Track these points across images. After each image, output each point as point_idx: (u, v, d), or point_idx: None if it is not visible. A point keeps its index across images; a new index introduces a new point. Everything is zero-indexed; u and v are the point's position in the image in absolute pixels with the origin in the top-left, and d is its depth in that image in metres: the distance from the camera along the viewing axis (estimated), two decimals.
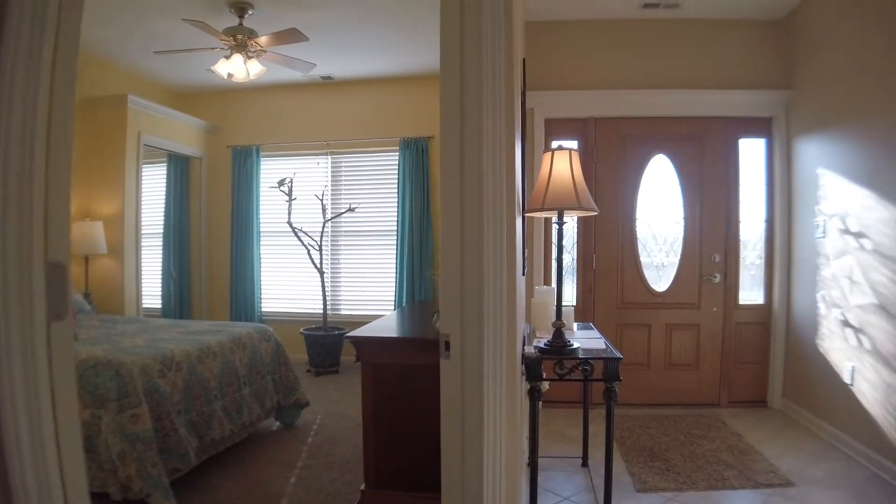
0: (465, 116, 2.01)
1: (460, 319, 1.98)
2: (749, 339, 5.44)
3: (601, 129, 5.46)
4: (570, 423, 4.79)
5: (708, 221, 5.43)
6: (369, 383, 3.13)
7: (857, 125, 4.23)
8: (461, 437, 2.01)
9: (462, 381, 1.98)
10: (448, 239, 2.00)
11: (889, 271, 3.83)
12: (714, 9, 5.16)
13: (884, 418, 3.81)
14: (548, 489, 3.63)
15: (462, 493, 2.03)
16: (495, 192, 2.04)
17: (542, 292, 3.58)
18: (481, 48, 2.02)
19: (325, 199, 6.96)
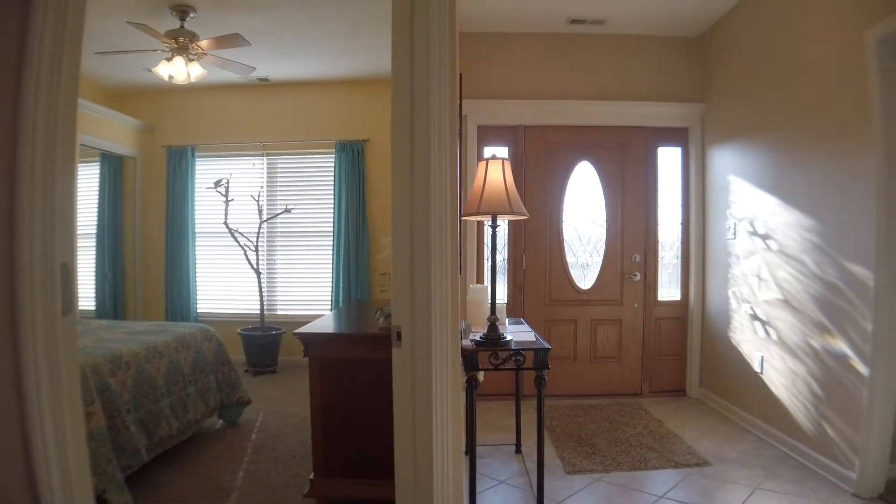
0: (415, 124, 2.13)
1: (411, 312, 2.13)
2: (668, 333, 5.78)
3: (530, 137, 5.68)
4: (503, 414, 4.99)
5: (629, 224, 5.74)
6: (317, 377, 3.19)
7: (762, 137, 4.60)
8: (412, 420, 2.15)
9: (413, 368, 2.14)
10: (399, 237, 2.14)
11: (792, 269, 4.17)
12: (637, 26, 5.47)
13: (791, 403, 4.16)
14: (485, 475, 3.77)
15: (414, 473, 2.17)
16: (441, 195, 2.16)
17: (476, 290, 3.72)
18: (429, 63, 2.14)
19: (262, 200, 6.91)
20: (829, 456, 3.70)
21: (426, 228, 2.13)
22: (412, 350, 2.14)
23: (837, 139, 3.71)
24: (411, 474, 2.18)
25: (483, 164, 3.22)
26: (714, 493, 3.54)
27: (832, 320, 3.75)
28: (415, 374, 2.15)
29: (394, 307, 2.17)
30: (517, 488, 3.63)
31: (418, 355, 2.14)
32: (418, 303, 2.14)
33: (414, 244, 2.13)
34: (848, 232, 3.62)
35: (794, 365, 4.14)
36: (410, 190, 2.13)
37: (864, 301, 3.45)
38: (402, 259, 2.14)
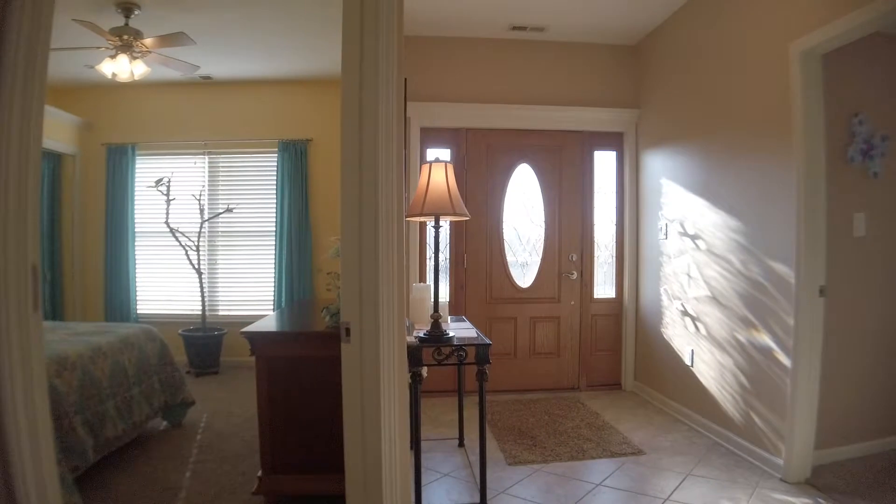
0: (364, 126, 2.18)
1: (359, 308, 2.17)
2: (603, 330, 5.95)
3: (472, 139, 5.75)
4: (446, 410, 5.03)
5: (566, 224, 5.88)
6: (264, 375, 3.18)
7: (693, 142, 4.79)
8: (361, 415, 2.19)
9: (361, 364, 2.18)
10: (347, 235, 2.18)
11: (719, 268, 4.37)
12: (576, 33, 5.60)
13: (719, 394, 4.36)
14: (430, 468, 3.81)
15: (363, 467, 2.21)
16: (389, 194, 2.22)
17: (419, 288, 3.76)
18: (378, 67, 2.19)
19: (203, 199, 6.75)
20: (757, 444, 3.89)
21: (374, 227, 2.17)
22: (361, 346, 2.18)
23: (763, 145, 3.90)
24: (360, 468, 2.21)
25: (427, 166, 3.28)
26: (648, 479, 3.68)
27: (757, 315, 3.94)
28: (363, 370, 2.19)
29: (343, 304, 2.20)
30: (461, 480, 3.68)
31: (367, 351, 2.18)
32: (366, 299, 2.18)
33: (362, 242, 2.18)
34: (771, 233, 3.81)
35: (722, 358, 4.33)
36: (359, 189, 2.18)
37: (787, 297, 3.65)
38: (351, 257, 2.19)
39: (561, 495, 3.46)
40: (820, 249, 3.56)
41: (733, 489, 3.50)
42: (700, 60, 4.66)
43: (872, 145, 3.84)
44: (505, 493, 3.49)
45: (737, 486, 3.55)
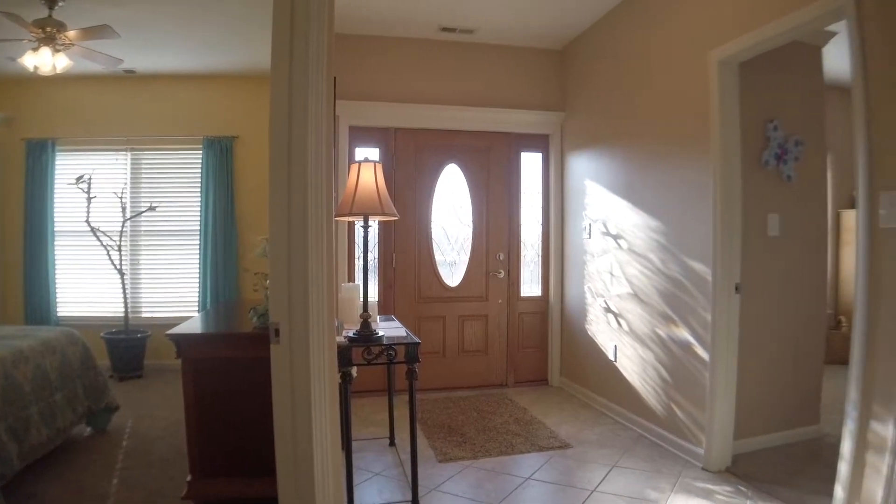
0: (293, 125, 2.15)
1: (288, 308, 2.14)
2: (530, 327, 6.03)
3: (401, 139, 5.71)
4: (376, 410, 4.98)
5: (494, 224, 5.92)
6: (190, 378, 3.06)
7: (615, 145, 4.91)
8: (292, 416, 2.17)
9: (291, 364, 2.16)
10: (276, 235, 2.15)
11: (641, 266, 4.50)
12: (504, 37, 5.65)
13: (642, 387, 4.48)
14: (361, 468, 3.76)
15: (295, 468, 2.18)
16: (318, 193, 2.20)
17: (347, 288, 3.72)
18: (308, 65, 2.17)
19: (125, 197, 6.44)
20: (679, 435, 4.03)
21: (303, 226, 2.15)
22: (290, 347, 2.15)
23: (683, 149, 4.04)
24: (292, 469, 2.19)
25: (356, 166, 3.26)
26: (576, 472, 3.75)
27: (676, 311, 4.08)
28: (293, 371, 2.16)
29: (271, 304, 2.17)
30: (392, 478, 3.66)
31: (297, 352, 2.15)
32: (296, 300, 2.15)
33: (291, 241, 2.15)
34: (690, 232, 3.95)
35: (644, 353, 4.46)
36: (288, 188, 2.15)
37: (704, 294, 3.79)
38: (280, 256, 2.16)
39: (491, 490, 3.48)
40: (736, 248, 3.71)
41: (657, 479, 3.60)
42: (624, 65, 4.78)
43: (786, 150, 4.04)
44: (436, 490, 3.48)
45: (661, 476, 3.66)
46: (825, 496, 3.12)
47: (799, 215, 4.14)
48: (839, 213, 6.94)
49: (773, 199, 4.04)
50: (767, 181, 4.03)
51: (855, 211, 2.81)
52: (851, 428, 2.74)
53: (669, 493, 3.40)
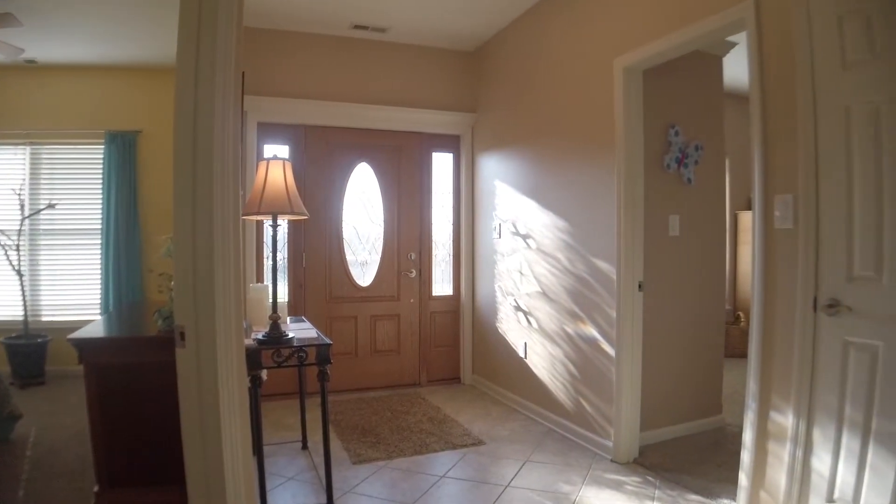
0: (199, 120, 2.07)
1: (194, 310, 2.07)
2: (442, 326, 6.00)
3: (312, 136, 5.53)
4: (288, 413, 4.81)
5: (405, 223, 5.85)
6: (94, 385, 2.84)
7: (524, 147, 4.96)
8: (201, 422, 2.10)
9: (198, 368, 2.09)
10: (181, 233, 2.07)
11: (549, 265, 4.55)
12: (417, 36, 5.58)
13: (551, 383, 4.54)
14: (274, 472, 3.64)
15: (206, 475, 2.12)
16: (224, 191, 2.12)
17: (256, 289, 3.61)
18: (215, 59, 2.09)
19: (24, 194, 5.92)
20: (588, 428, 4.10)
21: (209, 225, 2.07)
22: (197, 350, 2.08)
23: (588, 152, 4.11)
24: (202, 477, 2.12)
25: (264, 163, 3.16)
26: (489, 468, 3.75)
27: (583, 309, 4.15)
28: (200, 375, 2.09)
29: (176, 306, 2.10)
30: (306, 482, 3.55)
31: (203, 355, 2.08)
32: (202, 301, 2.07)
33: (196, 241, 2.07)
34: (596, 232, 4.03)
35: (553, 349, 4.52)
36: (193, 185, 2.07)
37: (609, 291, 3.87)
38: (184, 256, 2.08)
39: (406, 490, 3.43)
40: (639, 248, 3.81)
41: (569, 472, 3.65)
42: (534, 69, 4.82)
43: (687, 154, 4.18)
44: (351, 492, 3.40)
45: (572, 468, 3.71)
46: (730, 484, 3.26)
47: (699, 216, 4.31)
48: (737, 214, 7.35)
49: (674, 200, 4.18)
50: (669, 184, 4.16)
51: (751, 212, 2.93)
52: (752, 418, 2.85)
53: (581, 485, 3.45)
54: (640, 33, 3.61)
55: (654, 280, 4.02)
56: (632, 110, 3.75)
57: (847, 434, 2.41)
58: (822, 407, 2.52)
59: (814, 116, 2.57)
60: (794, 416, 2.63)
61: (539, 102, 4.73)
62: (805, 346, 2.60)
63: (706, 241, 4.37)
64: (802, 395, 2.60)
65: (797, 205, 2.66)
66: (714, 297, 4.44)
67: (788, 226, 2.71)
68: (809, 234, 2.59)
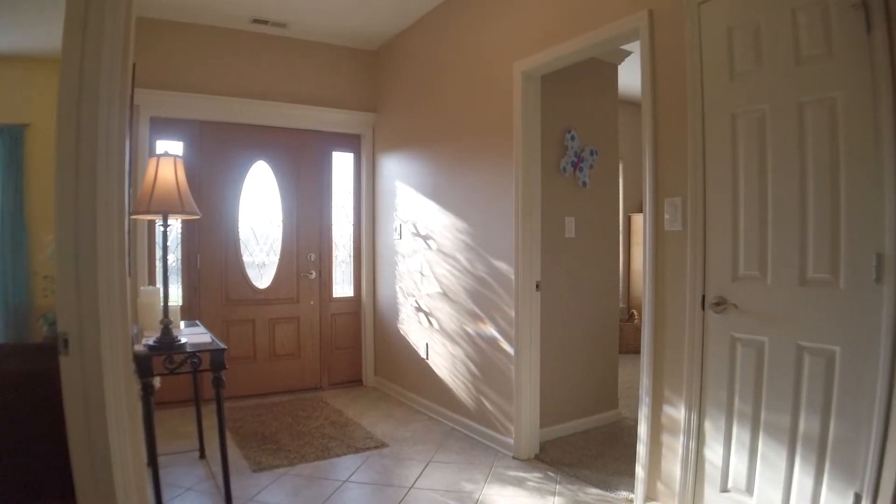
0: (82, 114, 1.93)
1: (78, 316, 1.96)
2: (343, 328, 5.80)
3: (208, 133, 5.19)
4: (184, 421, 4.48)
5: (304, 224, 5.62)
6: None
7: (425, 148, 4.87)
8: (88, 434, 1.99)
9: (84, 377, 2.00)
10: (63, 233, 1.96)
11: (449, 266, 4.49)
12: (318, 34, 5.35)
13: (453, 382, 4.47)
14: (171, 483, 3.38)
15: (96, 490, 2.00)
16: (108, 189, 2.00)
17: (147, 292, 3.39)
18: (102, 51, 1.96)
19: None
20: (490, 426, 4.06)
21: (93, 224, 1.96)
22: (82, 358, 1.95)
23: (488, 154, 4.08)
24: (93, 491, 2.00)
25: (154, 160, 2.98)
26: (393, 470, 3.64)
27: (483, 309, 4.12)
28: (87, 385, 1.97)
29: (59, 311, 1.97)
30: (204, 493, 3.32)
31: (89, 363, 1.96)
32: (86, 306, 1.96)
33: (79, 241, 1.97)
34: (495, 234, 4.00)
35: (454, 349, 4.46)
36: (76, 182, 1.95)
37: (508, 292, 3.85)
38: (67, 258, 1.95)
39: (309, 496, 3.27)
40: (536, 249, 3.82)
41: (471, 470, 3.60)
42: (435, 70, 4.74)
43: (582, 158, 4.23)
44: (252, 500, 3.21)
45: (474, 467, 3.66)
46: (628, 476, 3.31)
47: (594, 218, 4.38)
48: (630, 216, 7.59)
49: (570, 203, 4.22)
50: (565, 186, 4.20)
51: (643, 215, 2.97)
52: (646, 412, 2.89)
53: (483, 483, 3.41)
54: (539, 39, 3.61)
55: (552, 280, 4.04)
56: (530, 114, 3.74)
57: (738, 426, 2.48)
58: (713, 400, 2.59)
59: (702, 124, 2.63)
60: (686, 410, 2.69)
61: (440, 104, 4.66)
62: (695, 342, 2.66)
63: (601, 242, 4.46)
64: (693, 389, 2.66)
65: (686, 208, 2.72)
66: (609, 296, 4.54)
67: (677, 228, 2.77)
68: (697, 236, 2.66)
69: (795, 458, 2.25)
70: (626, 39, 3.10)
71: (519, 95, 3.72)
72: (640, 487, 2.91)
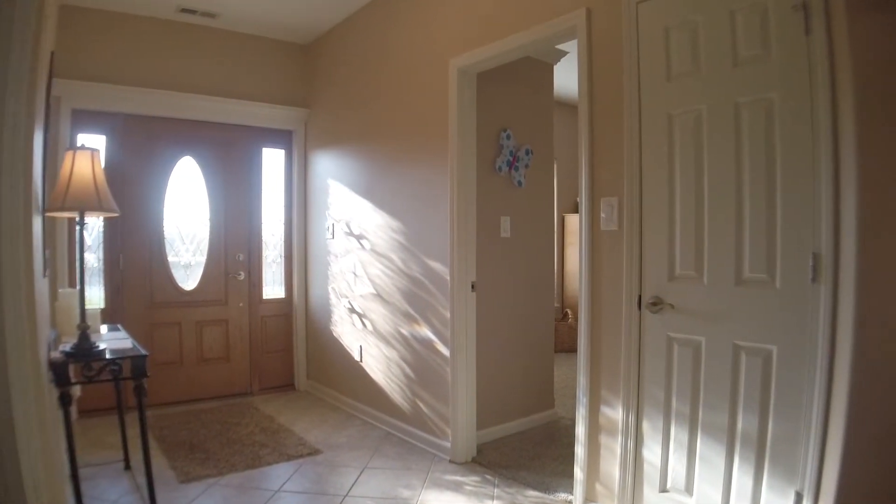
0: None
1: None
2: (274, 330, 5.55)
3: (132, 126, 4.83)
4: (110, 430, 4.12)
5: (232, 222, 5.33)
6: None
7: (358, 146, 4.69)
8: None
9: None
10: None
11: (383, 266, 4.34)
12: (249, 25, 5.07)
13: (387, 385, 4.32)
14: (94, 496, 3.13)
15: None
16: (16, 182, 1.89)
17: (66, 295, 3.17)
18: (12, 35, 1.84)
19: None
20: (427, 430, 3.94)
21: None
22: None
23: (422, 152, 3.96)
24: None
25: (70, 154, 2.76)
26: (327, 478, 3.48)
27: (418, 310, 3.99)
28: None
29: None
30: None
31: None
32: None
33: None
34: (430, 233, 3.88)
35: (388, 352, 4.31)
36: None
37: (443, 292, 3.75)
38: None
39: None
40: (471, 249, 3.72)
41: (408, 476, 3.48)
42: (369, 65, 4.57)
43: (518, 158, 4.16)
44: None
45: (411, 472, 3.54)
46: (566, 477, 3.25)
47: (529, 218, 4.32)
48: (563, 216, 7.61)
49: (505, 202, 4.15)
50: (500, 186, 4.12)
51: (578, 215, 2.92)
52: (583, 413, 2.84)
53: (420, 489, 3.29)
54: (476, 36, 3.51)
55: (487, 280, 3.96)
56: (466, 112, 3.64)
57: (675, 426, 2.45)
58: (651, 400, 2.55)
59: (639, 123, 2.59)
60: (623, 410, 2.65)
61: (375, 101, 4.49)
62: (631, 342, 2.62)
63: (536, 241, 4.41)
64: (630, 389, 2.62)
65: (622, 207, 2.68)
66: (544, 296, 4.49)
67: (613, 227, 2.72)
68: (633, 236, 2.62)
69: (735, 457, 2.24)
70: (564, 38, 3.05)
71: (455, 93, 3.61)
72: (579, 489, 2.85)
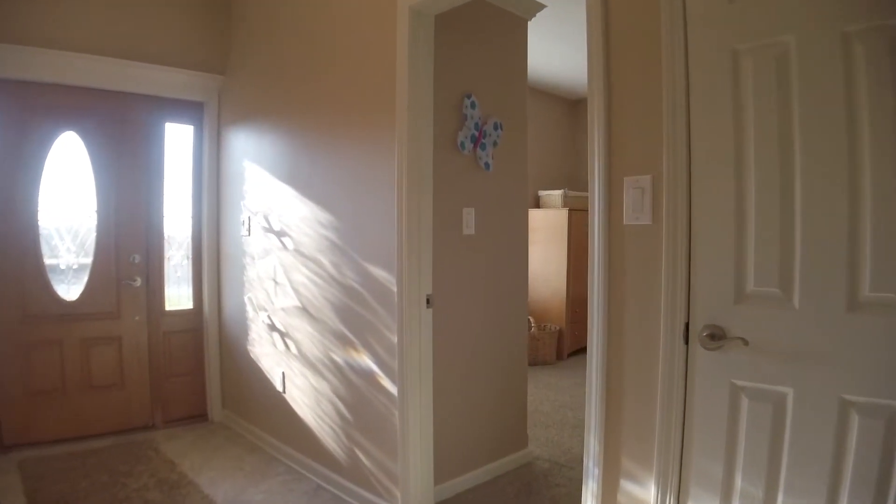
0: None
1: None
2: (181, 349, 4.42)
3: None
4: None
5: (126, 215, 4.19)
6: None
7: (281, 118, 3.66)
8: None
9: None
10: None
11: (309, 271, 3.36)
12: None
13: (317, 425, 3.32)
14: None
15: None
16: None
17: None
18: None
19: None
20: (368, 487, 2.96)
21: None
22: None
23: (363, 125, 2.99)
24: None
25: None
26: None
27: (355, 331, 3.03)
28: None
29: None
30: None
31: None
32: None
33: None
34: (370, 229, 2.94)
35: (317, 382, 3.32)
36: None
37: (388, 309, 2.81)
38: None
39: None
40: (426, 251, 2.79)
41: None
42: (298, 18, 3.53)
43: (484, 133, 3.22)
44: None
45: None
46: None
47: (498, 210, 3.39)
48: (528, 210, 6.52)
49: (469, 190, 3.21)
50: (464, 168, 3.18)
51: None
52: (594, 489, 1.94)
53: None
54: None
55: (446, 292, 3.03)
56: (420, 67, 2.69)
57: None
58: (701, 478, 1.69)
59: (685, 63, 1.71)
60: (657, 489, 1.76)
61: (303, 62, 3.47)
62: (673, 391, 1.74)
63: (507, 240, 3.49)
64: (670, 460, 1.74)
65: (658, 191, 1.78)
66: (516, 308, 3.58)
67: (644, 221, 1.83)
68: (677, 233, 1.74)
69: None
70: None
71: (406, 40, 2.64)
72: None
